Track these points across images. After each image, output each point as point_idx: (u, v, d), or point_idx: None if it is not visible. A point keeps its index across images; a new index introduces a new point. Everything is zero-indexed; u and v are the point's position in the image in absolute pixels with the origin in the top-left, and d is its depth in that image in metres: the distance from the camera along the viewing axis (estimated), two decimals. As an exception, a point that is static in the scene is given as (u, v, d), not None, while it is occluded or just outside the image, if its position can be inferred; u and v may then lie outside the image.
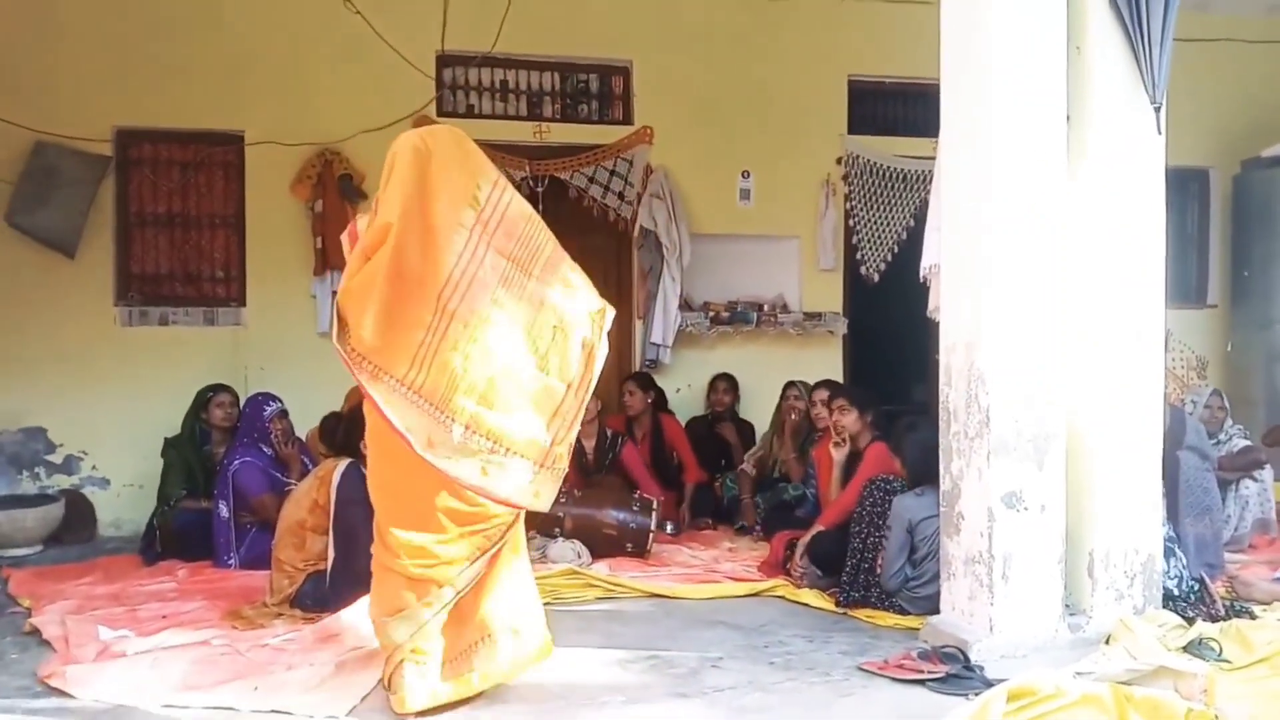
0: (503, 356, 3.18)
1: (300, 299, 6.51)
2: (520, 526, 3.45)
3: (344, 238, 3.35)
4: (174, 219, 6.53)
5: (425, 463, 3.09)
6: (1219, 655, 3.57)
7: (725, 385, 6.77)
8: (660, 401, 6.51)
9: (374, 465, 3.39)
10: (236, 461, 5.24)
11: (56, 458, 6.27)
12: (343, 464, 4.41)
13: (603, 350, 3.39)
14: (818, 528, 4.85)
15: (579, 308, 3.34)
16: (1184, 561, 4.27)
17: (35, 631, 4.13)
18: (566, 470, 3.40)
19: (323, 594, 4.26)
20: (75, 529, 6.01)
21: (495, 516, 3.25)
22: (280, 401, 5.42)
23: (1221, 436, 5.82)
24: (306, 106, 6.48)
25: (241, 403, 5.58)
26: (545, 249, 3.31)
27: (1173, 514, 4.45)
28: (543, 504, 3.31)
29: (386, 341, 3.12)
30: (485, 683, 3.36)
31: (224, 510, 5.22)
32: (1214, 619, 4.01)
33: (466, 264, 3.14)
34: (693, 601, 4.67)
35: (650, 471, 6.14)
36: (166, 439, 5.70)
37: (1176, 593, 4.16)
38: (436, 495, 3.15)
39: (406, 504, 3.22)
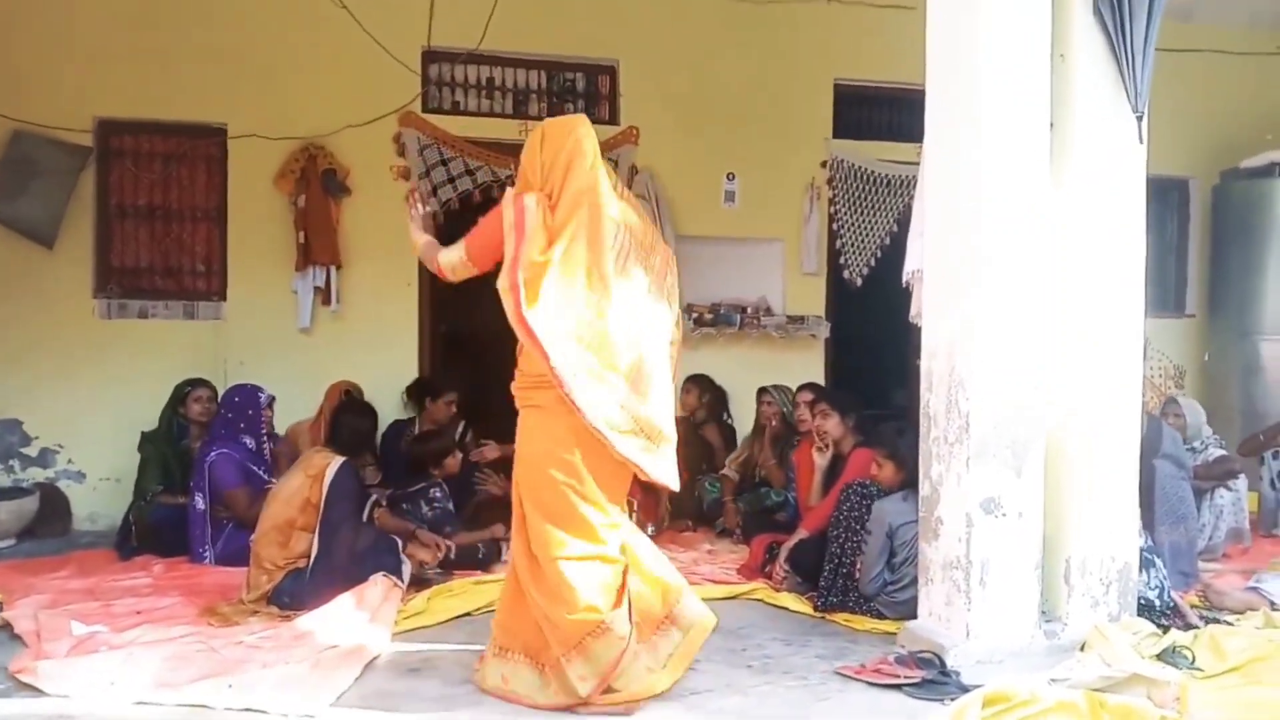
0: (648, 343, 3.40)
1: (281, 294, 6.47)
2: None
3: (508, 210, 3.35)
4: (155, 211, 6.47)
5: (589, 444, 3.26)
6: (1192, 663, 3.60)
7: (695, 389, 6.69)
8: None
9: (550, 460, 3.35)
10: (214, 453, 5.21)
11: (32, 450, 6.21)
12: (336, 462, 4.39)
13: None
14: (801, 533, 4.85)
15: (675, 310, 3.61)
16: (1163, 573, 4.30)
17: (7, 626, 4.09)
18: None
19: (300, 591, 4.23)
20: (50, 522, 5.95)
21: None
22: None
23: (1197, 445, 5.86)
24: (291, 100, 6.45)
25: (221, 395, 5.55)
26: (660, 243, 3.57)
27: (1149, 524, 4.48)
28: (674, 482, 3.49)
29: (562, 315, 3.24)
30: (692, 651, 3.49)
31: (200, 502, 5.19)
32: (1188, 629, 4.04)
33: (617, 253, 3.35)
34: (671, 603, 4.66)
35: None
36: (143, 433, 5.66)
37: (1157, 604, 4.19)
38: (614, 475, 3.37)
39: (580, 491, 3.33)
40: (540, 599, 3.32)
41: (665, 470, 3.42)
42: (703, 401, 6.68)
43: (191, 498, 5.23)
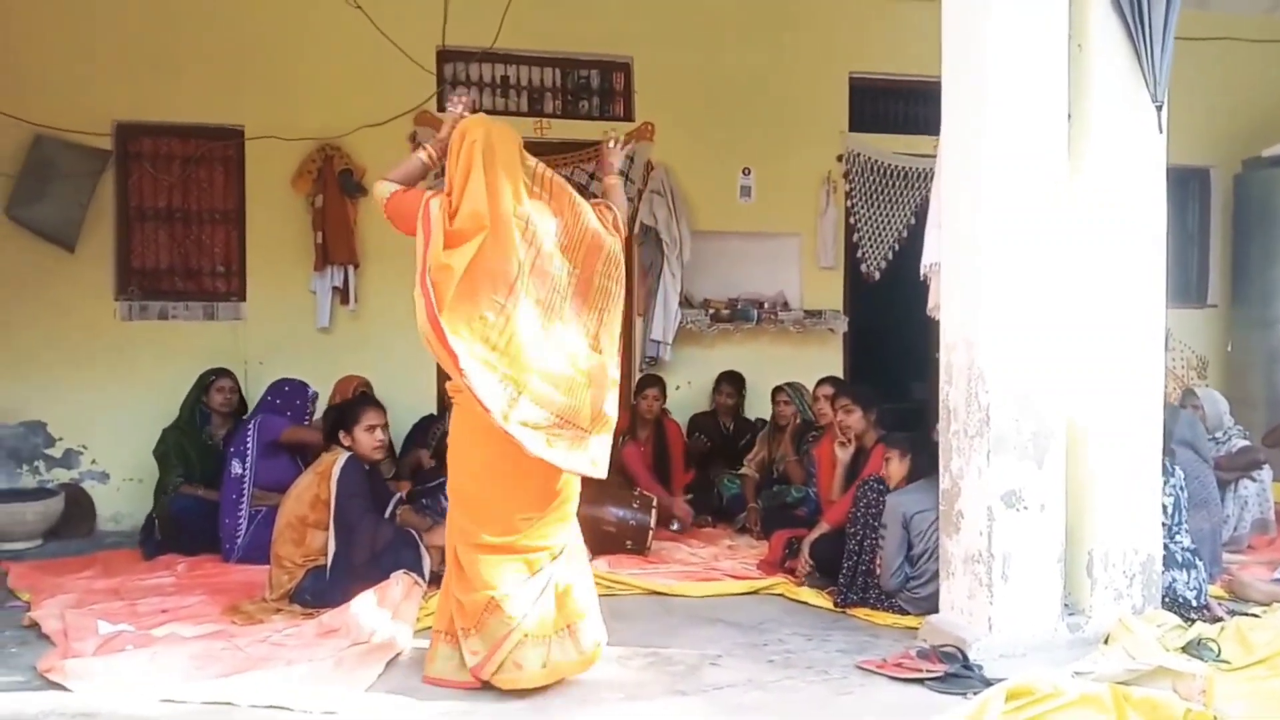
0: (564, 338, 3.45)
1: (300, 294, 6.51)
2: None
3: (420, 216, 3.42)
4: (174, 213, 6.51)
5: (505, 442, 3.29)
6: (1218, 656, 3.57)
7: (729, 388, 6.76)
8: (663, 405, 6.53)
9: (468, 454, 3.52)
10: (260, 415, 5.35)
11: (56, 451, 6.27)
12: (341, 458, 4.41)
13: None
14: (823, 527, 4.84)
15: (620, 288, 3.63)
16: (1203, 575, 4.27)
17: (35, 625, 4.13)
18: (611, 442, 3.57)
19: (322, 589, 4.25)
20: (74, 523, 6.01)
21: (568, 487, 3.55)
22: None
23: (1220, 436, 5.82)
24: (307, 101, 6.48)
25: (267, 386, 5.64)
26: (587, 234, 3.57)
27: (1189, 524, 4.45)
28: (599, 470, 3.50)
29: (468, 320, 3.30)
30: (583, 667, 3.53)
31: (237, 467, 5.24)
32: (1214, 621, 4.01)
33: (526, 256, 3.39)
34: (692, 599, 4.67)
35: (651, 472, 6.14)
36: (165, 428, 5.74)
37: (1194, 604, 4.17)
38: (530, 473, 3.41)
39: (509, 484, 3.45)
40: (451, 580, 3.52)
41: (579, 462, 3.43)
42: (735, 398, 6.73)
43: (228, 464, 5.28)
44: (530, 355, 3.35)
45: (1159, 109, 3.91)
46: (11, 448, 6.19)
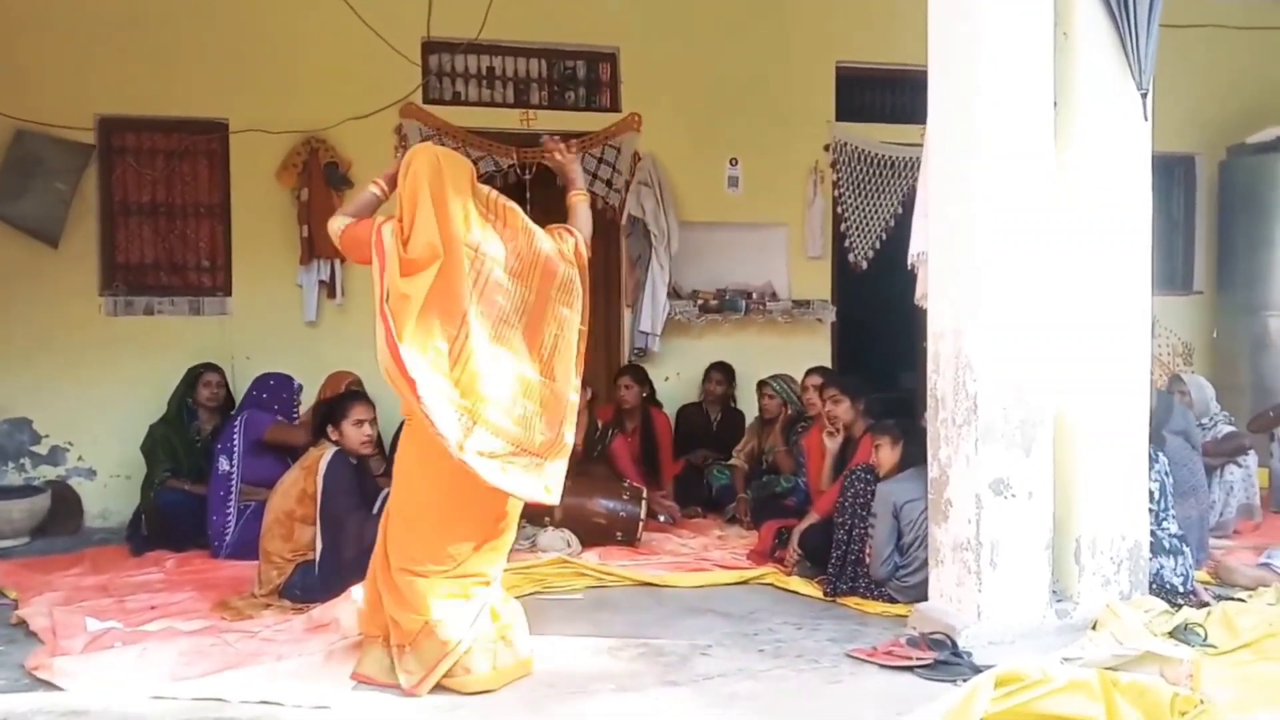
0: (514, 367, 3.43)
1: (286, 288, 6.48)
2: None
3: (373, 244, 3.41)
4: (158, 208, 6.47)
5: (455, 473, 3.28)
6: (1204, 640, 3.60)
7: (720, 376, 6.77)
8: (650, 396, 6.52)
9: (414, 484, 3.52)
10: (246, 412, 5.34)
11: (42, 449, 6.23)
12: (328, 453, 4.39)
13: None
14: (812, 517, 4.85)
15: (575, 312, 3.59)
16: (1190, 561, 4.30)
17: (22, 623, 4.12)
18: (566, 467, 3.54)
19: (311, 584, 4.25)
20: (62, 520, 5.98)
21: (509, 517, 3.54)
22: None
23: (1206, 422, 5.85)
24: (291, 94, 6.43)
25: (252, 381, 5.64)
26: (540, 259, 3.53)
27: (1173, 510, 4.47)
28: (553, 497, 3.47)
29: (423, 350, 3.28)
30: (503, 679, 3.47)
31: (224, 463, 5.22)
32: (1201, 606, 4.04)
33: (473, 283, 3.38)
34: (682, 589, 4.68)
35: (638, 464, 6.14)
36: (152, 424, 5.72)
37: (1181, 589, 4.19)
38: (476, 503, 3.42)
39: (453, 514, 3.45)
40: (385, 592, 3.48)
41: (532, 489, 3.40)
42: (725, 385, 6.75)
43: (215, 461, 5.26)
44: (484, 385, 3.32)
45: (1144, 96, 3.92)
46: (-3, 445, 6.16)
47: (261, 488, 5.00)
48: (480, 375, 3.33)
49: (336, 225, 3.60)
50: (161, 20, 6.28)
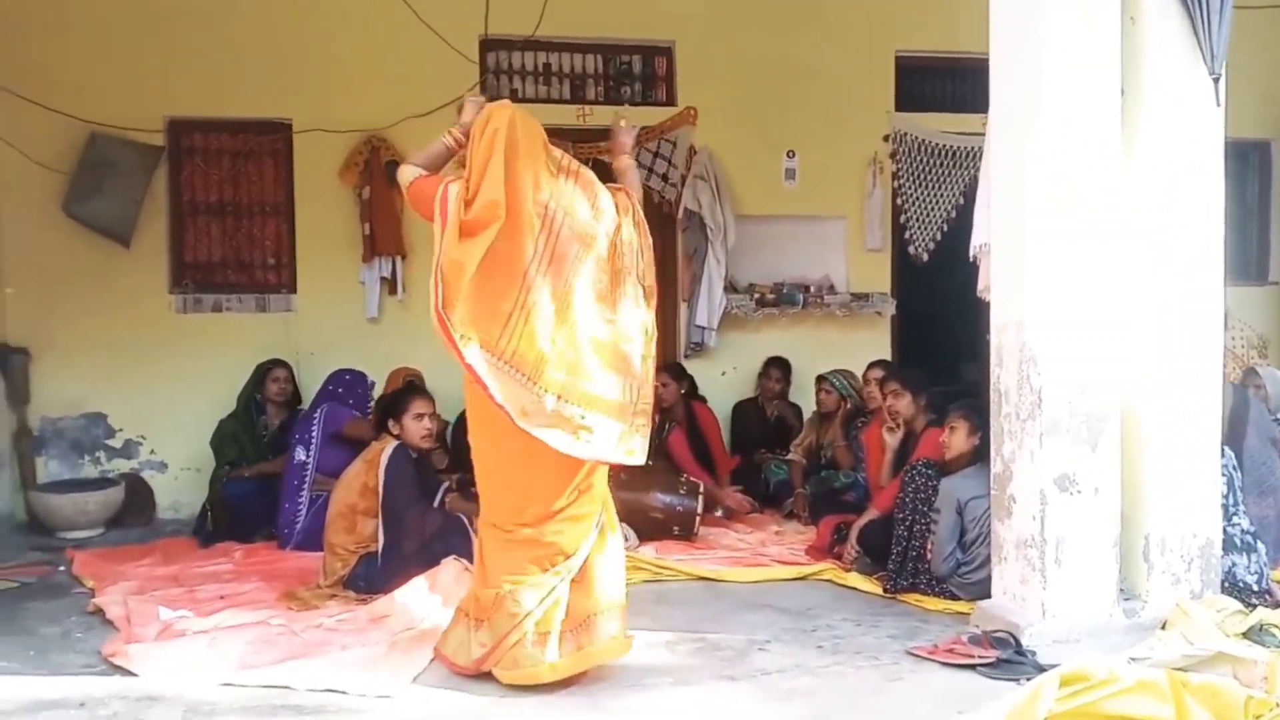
0: (586, 327, 3.39)
1: (349, 285, 6.59)
2: (612, 507, 3.64)
3: (438, 201, 3.37)
4: (225, 207, 6.62)
5: (524, 434, 3.25)
6: (1280, 641, 3.49)
7: (778, 374, 6.73)
8: (692, 390, 6.48)
9: (477, 440, 3.55)
10: (325, 405, 5.45)
11: (116, 442, 6.42)
12: (389, 447, 4.46)
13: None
14: (872, 513, 4.80)
15: (641, 275, 3.57)
16: (1264, 559, 4.18)
17: (99, 611, 4.25)
18: (649, 428, 3.52)
19: (374, 576, 4.32)
20: (135, 512, 6.17)
21: (587, 484, 3.48)
22: None
23: (1281, 416, 5.67)
24: (352, 93, 6.54)
25: (327, 376, 5.78)
26: (608, 224, 3.50)
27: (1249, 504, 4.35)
28: (637, 458, 3.46)
29: (479, 314, 3.28)
30: (589, 662, 3.45)
31: (301, 454, 5.33)
32: (1277, 607, 3.92)
33: (543, 243, 3.35)
34: (740, 585, 4.67)
35: (696, 460, 6.13)
36: (222, 418, 5.88)
37: (1255, 589, 4.08)
38: (541, 465, 3.37)
39: (516, 474, 3.44)
40: (475, 567, 3.57)
41: (609, 451, 3.37)
42: (783, 383, 6.72)
43: (291, 451, 5.38)
44: (546, 349, 3.28)
45: (1216, 81, 3.80)
46: (73, 439, 6.36)
47: (335, 479, 5.10)
48: (539, 339, 3.28)
49: (406, 175, 3.58)
50: (226, 24, 6.42)
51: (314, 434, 5.36)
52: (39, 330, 6.28)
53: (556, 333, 3.33)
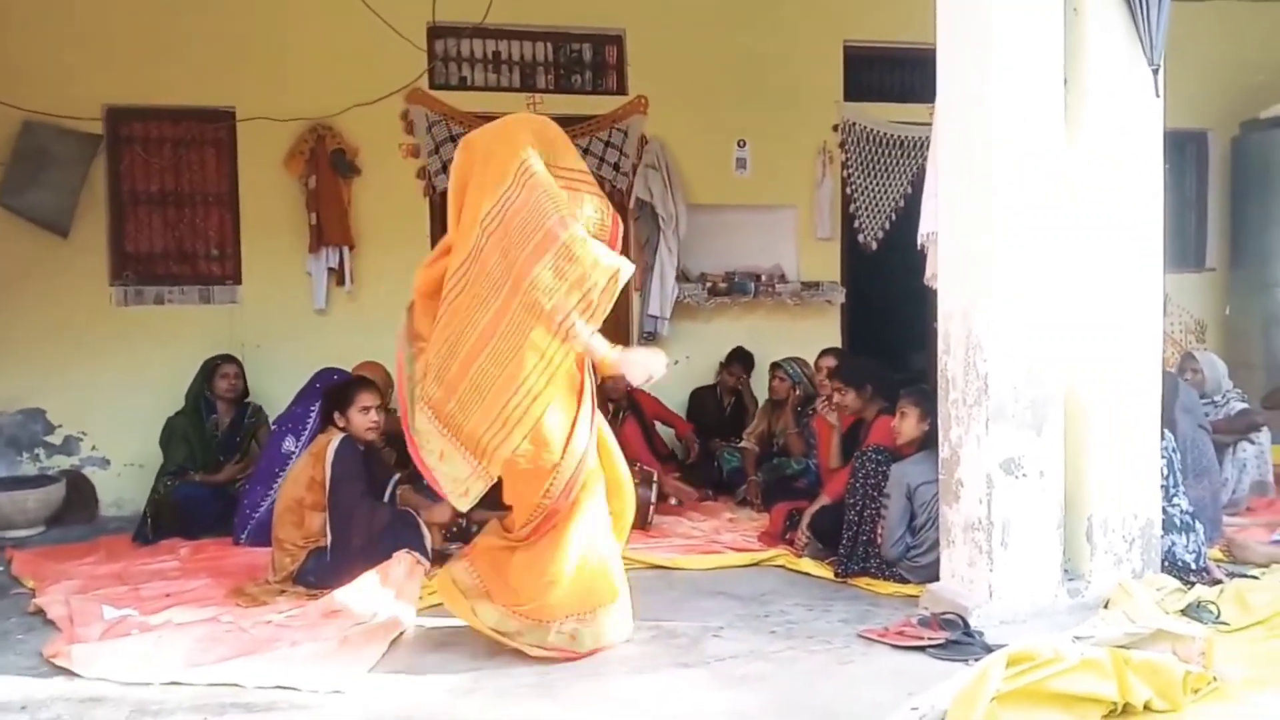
0: (477, 358, 3.39)
1: (296, 275, 6.49)
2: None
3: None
4: (167, 197, 6.48)
5: None
6: (1217, 618, 3.59)
7: (740, 369, 6.76)
8: None
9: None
10: (319, 402, 5.24)
11: (56, 438, 6.27)
12: (335, 439, 4.40)
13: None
14: (824, 500, 4.85)
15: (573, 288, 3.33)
16: (1201, 538, 4.28)
17: (40, 611, 4.15)
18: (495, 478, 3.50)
19: (324, 570, 4.27)
20: (76, 509, 6.03)
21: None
22: None
23: (1218, 399, 5.82)
24: (297, 81, 6.43)
25: (312, 375, 5.61)
26: (536, 235, 3.32)
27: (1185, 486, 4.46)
28: (464, 504, 3.53)
29: (421, 331, 3.53)
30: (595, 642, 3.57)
31: (289, 444, 5.23)
32: (1214, 584, 4.03)
33: (468, 265, 3.42)
34: (694, 572, 4.70)
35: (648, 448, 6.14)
36: (170, 415, 5.75)
37: (1193, 567, 4.18)
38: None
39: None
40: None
41: (451, 487, 3.49)
42: (743, 381, 6.76)
43: (277, 440, 5.28)
44: (439, 356, 3.46)
45: (1155, 72, 3.88)
46: (11, 435, 6.20)
47: None
48: (440, 347, 3.45)
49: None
50: (167, 10, 6.28)
51: (308, 428, 5.22)
52: (-27, 325, 6.11)
53: (451, 354, 3.51)
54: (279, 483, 5.13)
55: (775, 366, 6.30)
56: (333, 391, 4.76)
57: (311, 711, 3.18)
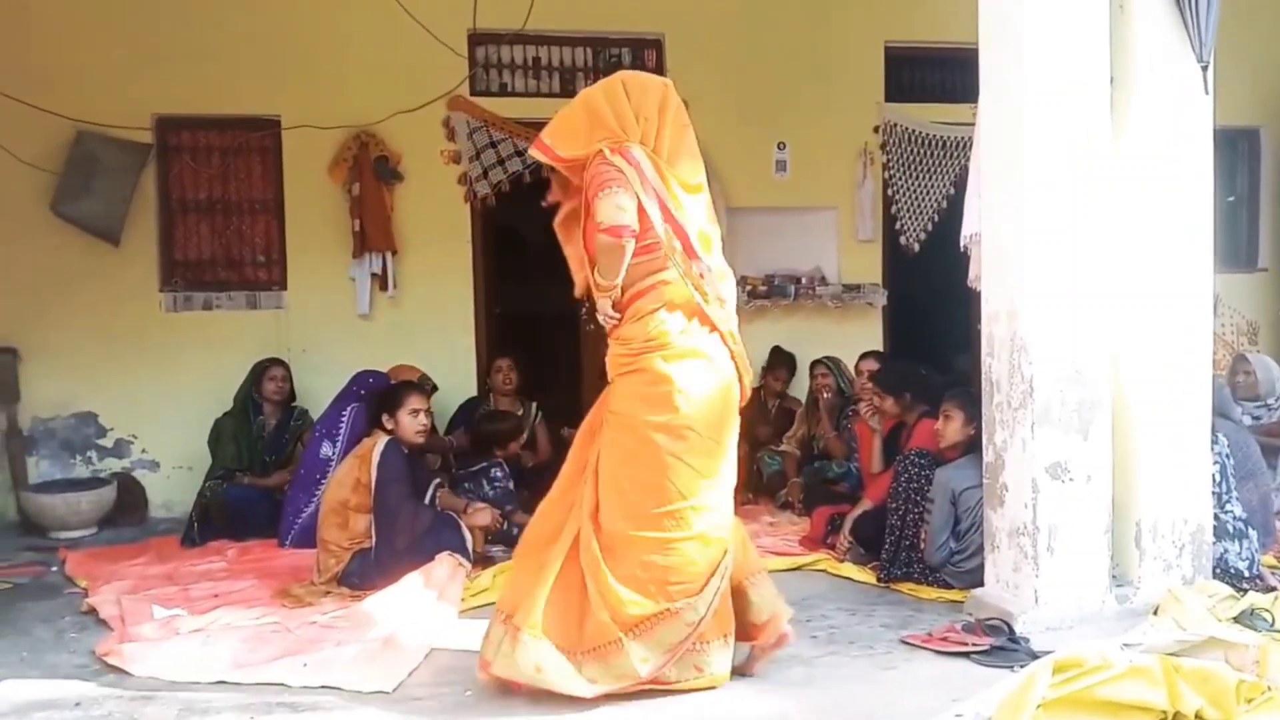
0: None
1: (340, 281, 6.57)
2: None
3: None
4: (214, 205, 6.60)
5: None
6: (1271, 625, 3.51)
7: (783, 372, 6.74)
8: None
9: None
10: (356, 405, 5.38)
11: (107, 441, 6.40)
12: (381, 442, 4.45)
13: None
14: (866, 505, 4.81)
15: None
16: (1255, 545, 4.20)
17: (92, 611, 4.24)
18: None
19: (368, 572, 4.31)
20: (127, 511, 6.15)
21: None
22: None
23: (1272, 402, 5.68)
24: (341, 89, 6.51)
25: (350, 378, 5.68)
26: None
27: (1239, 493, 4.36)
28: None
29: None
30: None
31: (326, 449, 5.29)
32: (1267, 591, 3.94)
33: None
34: (734, 576, 4.67)
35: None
36: (218, 417, 5.85)
37: (1246, 574, 4.10)
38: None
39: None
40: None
41: None
42: (785, 384, 6.74)
43: (315, 445, 5.35)
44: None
45: (1205, 69, 3.81)
46: (64, 439, 6.34)
47: None
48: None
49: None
50: (214, 20, 6.39)
51: (341, 431, 5.31)
52: (28, 330, 6.25)
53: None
54: (320, 489, 5.21)
55: (816, 364, 6.28)
56: (381, 394, 4.82)
57: (355, 711, 3.20)
